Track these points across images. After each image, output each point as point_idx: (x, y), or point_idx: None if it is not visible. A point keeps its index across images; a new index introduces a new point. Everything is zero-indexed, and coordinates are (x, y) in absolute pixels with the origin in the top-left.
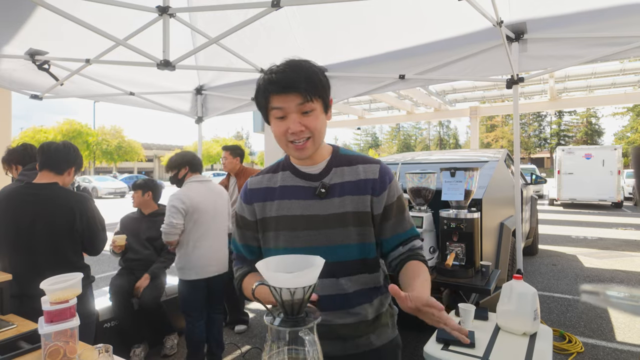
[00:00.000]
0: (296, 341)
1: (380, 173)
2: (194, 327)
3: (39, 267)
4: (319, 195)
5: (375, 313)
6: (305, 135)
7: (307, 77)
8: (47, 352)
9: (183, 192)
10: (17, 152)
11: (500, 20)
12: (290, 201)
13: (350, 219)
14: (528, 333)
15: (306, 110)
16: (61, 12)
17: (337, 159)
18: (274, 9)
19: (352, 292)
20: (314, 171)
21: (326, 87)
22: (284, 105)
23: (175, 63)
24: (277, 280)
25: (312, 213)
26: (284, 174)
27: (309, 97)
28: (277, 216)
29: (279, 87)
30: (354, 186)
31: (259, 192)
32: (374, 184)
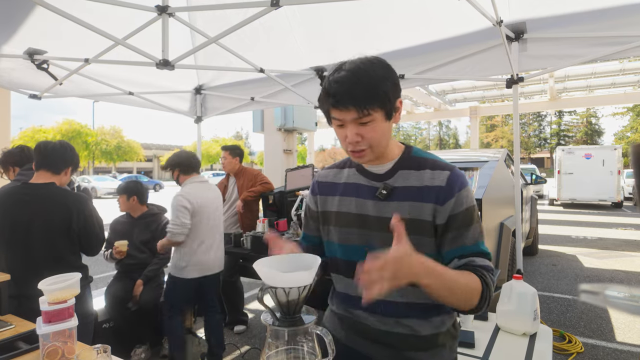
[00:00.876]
0: (294, 341)
1: (448, 180)
2: (172, 321)
3: (37, 267)
4: (379, 196)
5: (432, 331)
6: (362, 145)
7: (365, 90)
8: (45, 352)
9: (187, 192)
10: (14, 154)
11: (500, 19)
12: (350, 198)
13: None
14: (528, 333)
15: (364, 122)
16: (60, 12)
17: (407, 160)
18: (274, 8)
19: (402, 302)
20: (379, 171)
21: (389, 93)
22: (341, 117)
23: (175, 62)
24: (273, 280)
25: (367, 213)
26: (349, 170)
27: (364, 109)
28: (337, 212)
29: (334, 101)
30: (416, 192)
31: (324, 185)
32: (439, 192)
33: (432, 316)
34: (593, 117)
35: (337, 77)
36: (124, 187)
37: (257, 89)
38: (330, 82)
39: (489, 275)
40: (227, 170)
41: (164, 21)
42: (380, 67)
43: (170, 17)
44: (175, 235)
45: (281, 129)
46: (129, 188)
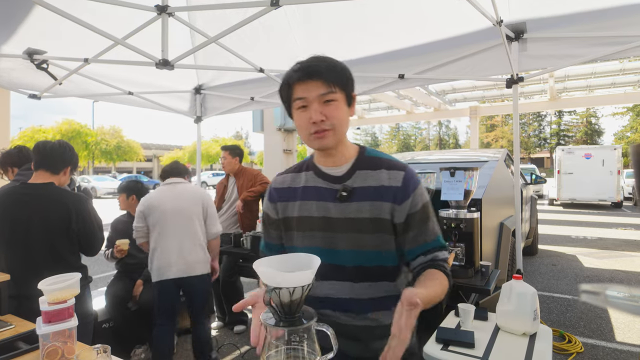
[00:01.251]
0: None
1: (404, 180)
2: (156, 333)
3: (36, 267)
4: (339, 198)
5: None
6: (326, 125)
7: (329, 66)
8: (45, 352)
9: (145, 196)
10: (12, 155)
11: (500, 19)
12: (311, 202)
13: (366, 225)
14: (528, 333)
15: (328, 100)
16: (60, 11)
17: (363, 161)
18: (273, 7)
19: (368, 298)
20: (337, 173)
21: (349, 79)
22: (306, 95)
23: (174, 62)
24: (273, 280)
25: (330, 215)
26: (307, 174)
27: (331, 85)
28: (298, 217)
29: (302, 74)
30: (374, 192)
31: (282, 191)
32: (396, 192)
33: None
34: (593, 117)
35: (302, 61)
36: (124, 186)
37: (257, 88)
38: (294, 66)
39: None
40: (227, 170)
41: (164, 21)
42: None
43: (170, 17)
44: (137, 238)
45: (281, 129)
46: (129, 187)
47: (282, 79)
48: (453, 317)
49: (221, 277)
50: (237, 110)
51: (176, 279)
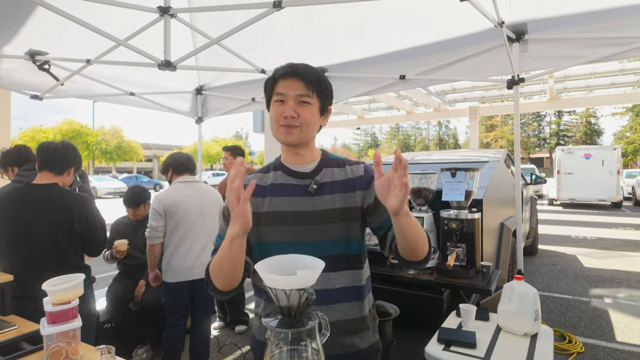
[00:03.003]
0: (296, 342)
1: (365, 169)
2: (168, 332)
3: (40, 268)
4: (310, 191)
5: (359, 314)
6: (296, 122)
7: (312, 71)
8: (50, 353)
9: (163, 194)
10: (12, 154)
11: (502, 21)
12: (281, 198)
13: (338, 215)
14: (529, 333)
15: (303, 101)
16: (62, 12)
17: (327, 161)
18: (276, 9)
19: (338, 287)
20: (305, 170)
21: (327, 90)
22: (286, 92)
23: (176, 63)
24: (274, 282)
25: (302, 209)
26: (274, 173)
27: (310, 89)
28: (268, 212)
29: (287, 70)
30: (342, 185)
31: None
32: (361, 180)
33: (358, 298)
34: (592, 117)
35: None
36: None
37: (258, 89)
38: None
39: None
40: (229, 171)
41: (166, 22)
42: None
43: (172, 18)
44: (150, 239)
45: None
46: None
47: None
48: (454, 318)
49: None
50: (238, 110)
51: (194, 281)
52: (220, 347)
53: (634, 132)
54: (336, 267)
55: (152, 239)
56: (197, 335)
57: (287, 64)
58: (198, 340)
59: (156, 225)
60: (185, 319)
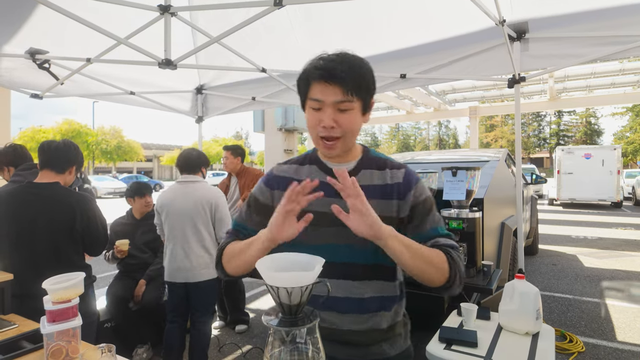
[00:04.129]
0: (298, 341)
1: (405, 176)
2: (167, 328)
3: (40, 266)
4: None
5: (390, 322)
6: (336, 133)
7: (354, 73)
8: (50, 351)
9: (159, 193)
10: (8, 154)
11: (503, 19)
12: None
13: None
14: (530, 332)
15: (343, 109)
16: (62, 11)
17: (367, 161)
18: (276, 7)
19: (368, 297)
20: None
21: (371, 88)
22: (323, 98)
23: (177, 62)
24: (275, 279)
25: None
26: (310, 167)
27: (350, 94)
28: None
29: (322, 73)
30: (380, 190)
31: (283, 180)
32: (399, 188)
33: (389, 307)
34: (592, 117)
35: (328, 57)
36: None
37: (259, 88)
38: (318, 59)
39: (454, 251)
40: (229, 170)
41: (167, 21)
42: (367, 63)
43: (173, 17)
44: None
45: (282, 129)
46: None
47: (302, 69)
48: (456, 317)
49: (223, 282)
50: (238, 110)
51: (187, 284)
52: (221, 347)
53: (634, 132)
54: (365, 276)
55: (161, 234)
56: (195, 335)
57: (320, 62)
58: (196, 340)
59: (157, 222)
60: (183, 317)
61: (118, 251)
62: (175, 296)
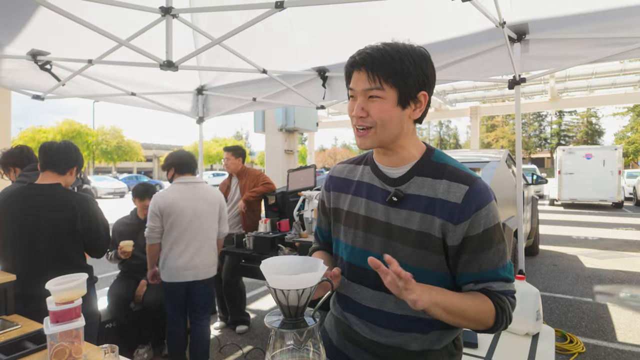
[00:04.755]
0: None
1: (465, 197)
2: (170, 329)
3: (43, 267)
4: (389, 202)
5: (424, 347)
6: (366, 123)
7: (384, 59)
8: (53, 352)
9: (161, 194)
10: (14, 155)
11: (503, 21)
12: (361, 199)
13: (411, 238)
14: (531, 333)
15: (372, 96)
16: (64, 13)
17: (425, 165)
18: (278, 10)
19: (398, 314)
20: (394, 174)
21: (410, 75)
22: (355, 87)
23: (178, 64)
24: (276, 282)
25: (375, 217)
26: (365, 168)
27: (376, 80)
28: (347, 210)
29: (353, 61)
30: (428, 203)
31: (337, 181)
32: (453, 210)
33: (428, 332)
34: (593, 117)
35: (371, 46)
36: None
37: (259, 89)
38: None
39: (507, 299)
40: (230, 171)
41: (168, 22)
42: (417, 53)
43: (174, 19)
44: (149, 238)
45: (282, 130)
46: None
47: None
48: None
49: (223, 277)
50: (239, 110)
51: (189, 282)
52: (222, 347)
53: (635, 132)
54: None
55: (150, 238)
56: (195, 335)
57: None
58: (196, 340)
59: (153, 225)
60: (184, 317)
61: (122, 252)
62: (178, 296)
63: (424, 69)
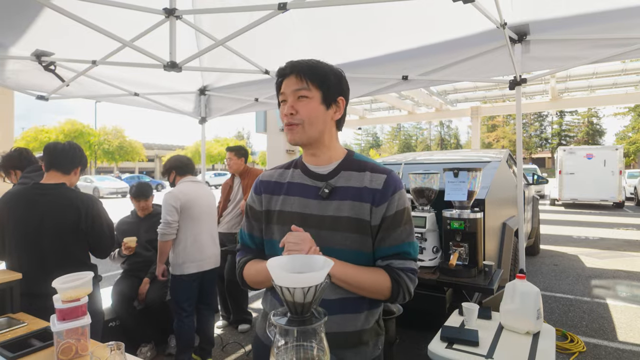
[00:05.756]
0: (303, 340)
1: (385, 184)
2: (183, 323)
3: (48, 266)
4: (321, 195)
5: (357, 328)
6: (295, 120)
7: (310, 65)
8: (60, 349)
9: (178, 190)
10: (14, 157)
11: (504, 22)
12: (293, 198)
13: (345, 224)
14: (531, 332)
15: (301, 95)
16: (68, 14)
17: (349, 162)
18: (281, 11)
19: (335, 299)
20: (323, 171)
21: (330, 80)
22: (285, 90)
23: (182, 65)
24: (287, 280)
25: (309, 212)
26: (294, 171)
27: (305, 82)
28: (279, 210)
29: (283, 71)
30: (356, 192)
31: (268, 184)
32: (375, 194)
33: (360, 311)
34: (594, 117)
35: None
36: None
37: (261, 89)
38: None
39: (406, 274)
40: (233, 171)
41: (172, 24)
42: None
43: (178, 20)
44: (164, 235)
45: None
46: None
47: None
48: (457, 316)
49: (226, 276)
50: (241, 111)
51: (205, 271)
52: (224, 346)
53: (636, 132)
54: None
55: (166, 235)
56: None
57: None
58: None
59: (172, 220)
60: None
61: (126, 248)
62: (194, 287)
63: (340, 80)
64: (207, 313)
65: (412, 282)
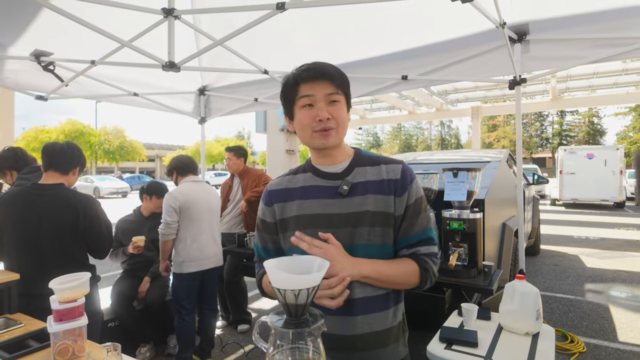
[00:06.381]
0: (299, 342)
1: (402, 173)
2: (184, 321)
3: (46, 266)
4: (341, 193)
5: (386, 326)
6: (331, 123)
7: (336, 70)
8: (57, 350)
9: (178, 190)
10: (8, 158)
11: (503, 21)
12: (311, 200)
13: (371, 218)
14: (531, 333)
15: (334, 100)
16: (66, 14)
17: (360, 158)
18: (279, 11)
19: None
20: (336, 170)
21: (349, 86)
22: (314, 93)
23: (180, 64)
24: (281, 281)
25: (332, 212)
26: (304, 175)
27: (338, 87)
28: (298, 215)
29: (312, 73)
30: (377, 185)
31: (278, 193)
32: (396, 184)
33: (387, 308)
34: (595, 117)
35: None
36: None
37: (261, 89)
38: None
39: (431, 259)
40: (232, 171)
41: (170, 24)
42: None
43: (176, 20)
44: (164, 235)
45: (284, 130)
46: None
47: (285, 78)
48: (456, 317)
49: (226, 276)
50: (241, 111)
51: (205, 270)
52: (223, 346)
53: (637, 132)
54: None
55: (166, 235)
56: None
57: (305, 66)
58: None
59: (171, 221)
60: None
61: (135, 247)
62: (192, 286)
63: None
64: (209, 314)
65: (436, 265)
